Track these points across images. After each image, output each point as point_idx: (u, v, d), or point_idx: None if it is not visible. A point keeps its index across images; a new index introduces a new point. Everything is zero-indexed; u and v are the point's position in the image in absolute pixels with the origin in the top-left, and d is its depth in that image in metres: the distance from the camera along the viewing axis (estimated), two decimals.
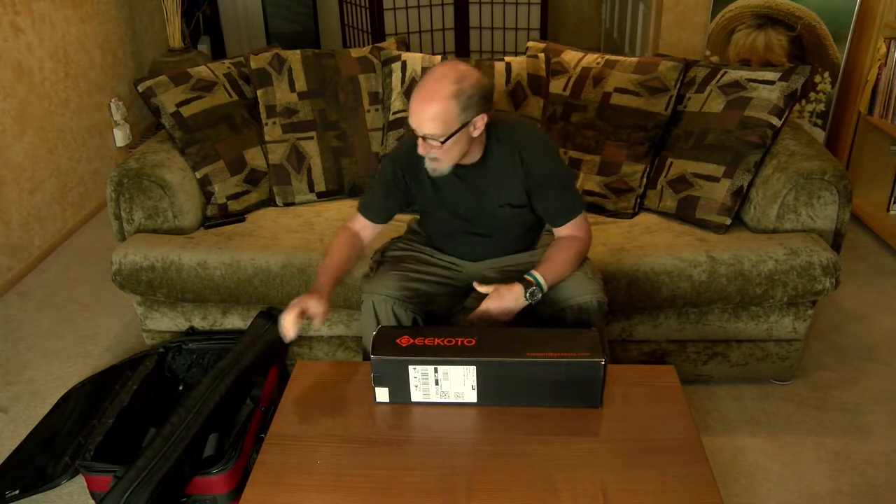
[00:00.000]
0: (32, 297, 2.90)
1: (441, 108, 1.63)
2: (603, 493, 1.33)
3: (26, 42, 3.08)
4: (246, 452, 1.78)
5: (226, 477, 1.70)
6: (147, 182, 2.22)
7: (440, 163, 1.73)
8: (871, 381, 2.28)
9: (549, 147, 1.86)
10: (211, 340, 2.18)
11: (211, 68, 2.47)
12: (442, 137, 1.67)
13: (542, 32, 4.62)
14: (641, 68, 2.33)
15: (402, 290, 1.85)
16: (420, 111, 1.65)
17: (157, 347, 2.16)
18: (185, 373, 2.17)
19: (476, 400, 1.56)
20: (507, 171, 1.82)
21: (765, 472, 1.95)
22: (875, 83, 2.99)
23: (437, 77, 1.65)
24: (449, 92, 1.63)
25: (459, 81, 1.64)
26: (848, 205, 2.09)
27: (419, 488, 1.37)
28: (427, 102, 1.64)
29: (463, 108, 1.65)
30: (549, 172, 1.81)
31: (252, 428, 1.84)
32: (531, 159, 1.81)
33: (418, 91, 1.66)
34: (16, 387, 2.39)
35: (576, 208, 1.85)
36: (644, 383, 1.62)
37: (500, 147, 1.81)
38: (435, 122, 1.64)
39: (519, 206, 1.86)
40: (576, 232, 1.86)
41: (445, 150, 1.70)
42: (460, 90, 1.64)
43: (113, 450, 1.77)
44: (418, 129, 1.68)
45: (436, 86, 1.64)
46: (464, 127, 1.68)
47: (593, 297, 1.79)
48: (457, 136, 1.68)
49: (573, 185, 1.89)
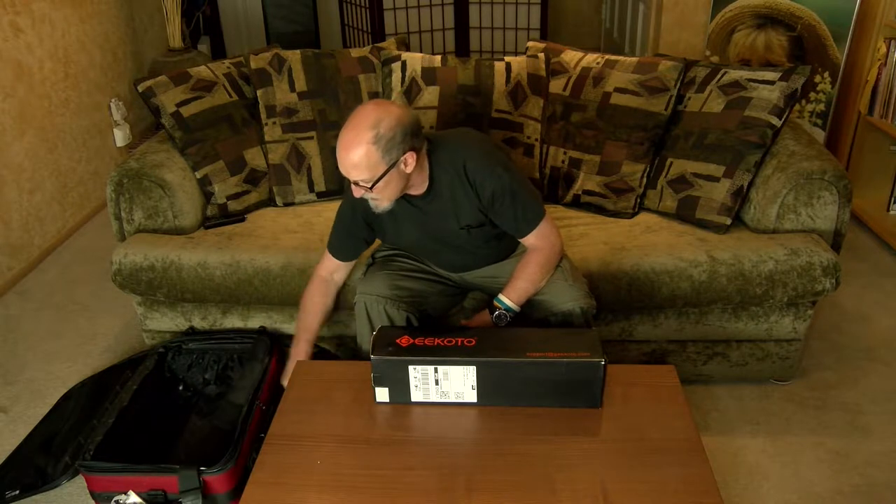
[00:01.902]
0: (32, 297, 2.90)
1: (362, 154, 1.61)
2: (603, 493, 1.33)
3: (26, 42, 3.08)
4: (245, 451, 1.78)
5: (225, 477, 1.70)
6: (147, 182, 2.22)
7: (379, 201, 1.72)
8: (871, 381, 2.28)
9: (495, 160, 1.79)
10: (211, 340, 2.18)
11: (211, 68, 2.46)
12: (369, 182, 1.65)
13: (542, 32, 4.62)
14: (641, 68, 2.33)
15: (394, 290, 1.85)
16: (343, 159, 1.63)
17: (156, 347, 2.16)
18: (185, 372, 2.17)
19: (476, 400, 1.56)
20: (458, 195, 1.79)
21: (765, 472, 1.95)
22: (875, 83, 2.99)
23: (353, 125, 1.62)
24: (367, 138, 1.60)
25: (376, 126, 1.60)
26: (848, 205, 2.09)
27: (419, 488, 1.37)
28: (347, 150, 1.62)
29: (385, 151, 1.62)
30: (499, 187, 1.76)
31: (252, 426, 1.84)
32: (478, 179, 1.76)
33: (340, 138, 1.64)
34: (16, 387, 2.39)
35: (534, 217, 1.81)
36: (644, 383, 1.62)
37: (445, 172, 1.78)
38: (358, 168, 1.62)
39: (478, 225, 1.83)
40: (539, 240, 1.83)
41: (378, 191, 1.68)
42: (377, 136, 1.60)
43: (113, 450, 1.77)
44: (347, 176, 1.67)
45: (353, 133, 1.61)
46: (392, 167, 1.65)
47: (575, 303, 1.79)
48: (387, 178, 1.66)
49: (527, 193, 1.81)
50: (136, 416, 1.93)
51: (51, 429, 2.10)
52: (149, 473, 1.69)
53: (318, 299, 1.96)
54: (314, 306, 1.96)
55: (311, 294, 1.97)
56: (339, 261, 1.95)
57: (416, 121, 1.68)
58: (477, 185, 1.77)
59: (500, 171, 1.77)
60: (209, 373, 2.17)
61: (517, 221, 1.81)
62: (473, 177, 1.77)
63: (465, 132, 1.89)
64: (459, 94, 2.38)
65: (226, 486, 1.71)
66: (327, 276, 1.98)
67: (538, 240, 1.84)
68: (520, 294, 1.81)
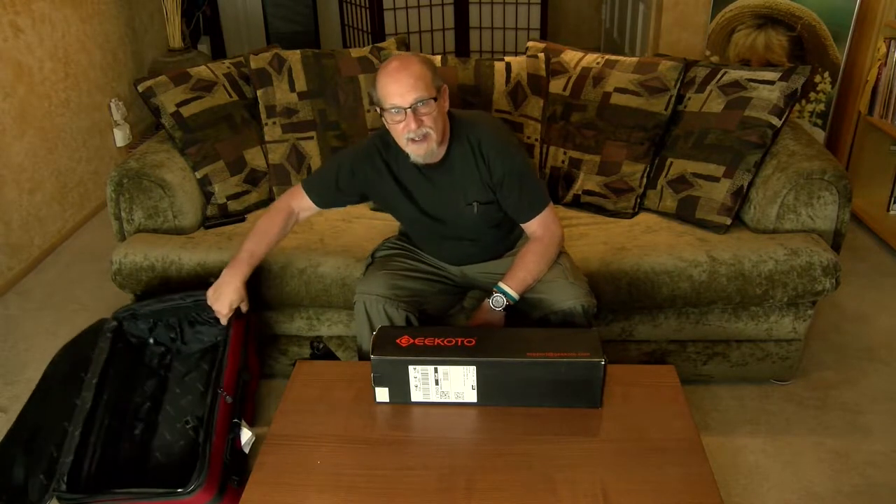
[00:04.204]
0: (32, 297, 2.90)
1: (420, 70, 1.70)
2: (603, 493, 1.33)
3: (26, 42, 3.08)
4: (219, 450, 1.68)
5: (200, 494, 1.61)
6: (147, 182, 2.22)
7: (429, 140, 1.73)
8: (871, 381, 2.28)
9: (509, 141, 1.88)
10: (163, 301, 2.04)
11: (211, 68, 2.47)
12: (432, 97, 1.71)
13: (542, 32, 4.62)
14: (641, 68, 2.33)
15: (393, 290, 1.85)
16: (403, 79, 1.69)
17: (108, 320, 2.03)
18: (150, 334, 2.07)
19: (476, 400, 1.56)
20: (470, 169, 1.84)
21: (765, 472, 1.95)
22: (875, 83, 2.99)
23: (401, 57, 1.74)
24: (418, 59, 1.73)
25: (418, 54, 1.76)
26: (848, 205, 2.09)
27: (419, 488, 1.37)
28: (406, 70, 1.69)
29: (434, 75, 1.73)
30: (510, 168, 1.82)
31: (219, 421, 1.73)
32: (492, 156, 1.82)
33: (390, 69, 1.71)
34: (16, 387, 2.39)
35: (540, 203, 1.86)
36: (644, 383, 1.62)
37: (462, 145, 1.83)
38: (422, 81, 1.70)
39: (486, 202, 1.86)
40: (541, 228, 1.86)
41: (436, 117, 1.72)
42: (425, 59, 1.75)
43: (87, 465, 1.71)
44: (403, 101, 1.69)
45: (406, 59, 1.72)
46: (439, 94, 1.74)
47: (576, 301, 1.79)
48: (439, 104, 1.74)
49: (535, 179, 1.89)
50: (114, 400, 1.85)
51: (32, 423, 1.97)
52: (125, 499, 1.62)
53: (277, 229, 1.93)
54: (271, 234, 1.92)
55: (273, 221, 1.93)
56: (313, 203, 1.95)
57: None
58: (490, 162, 1.82)
59: (513, 153, 1.84)
60: (173, 332, 2.08)
61: (522, 205, 1.85)
62: (488, 153, 1.82)
63: (484, 113, 1.97)
64: (459, 95, 2.38)
65: (205, 498, 1.63)
66: (295, 210, 1.96)
67: (540, 227, 1.86)
68: (518, 282, 1.81)
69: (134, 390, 1.99)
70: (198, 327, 2.10)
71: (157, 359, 2.08)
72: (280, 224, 1.94)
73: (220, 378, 1.82)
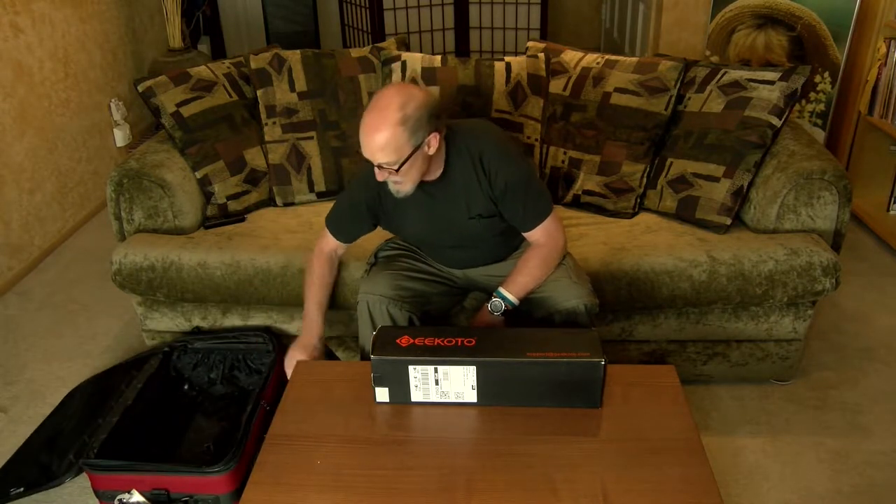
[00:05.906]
0: (32, 297, 2.90)
1: (389, 135, 1.61)
2: (603, 493, 1.33)
3: (26, 42, 3.08)
4: (249, 451, 1.78)
5: (227, 477, 1.70)
6: (147, 182, 2.22)
7: (402, 185, 1.73)
8: (871, 381, 2.28)
9: (511, 151, 1.83)
10: (216, 339, 2.18)
11: (211, 68, 2.46)
12: (396, 165, 1.65)
13: (542, 32, 4.62)
14: (641, 68, 2.33)
15: (397, 290, 1.85)
16: (369, 142, 1.63)
17: (161, 346, 2.16)
18: (191, 371, 2.17)
19: (476, 400, 1.56)
20: (471, 183, 1.80)
21: (765, 472, 1.95)
22: (875, 83, 2.99)
23: (379, 107, 1.62)
24: (395, 119, 1.60)
25: (403, 107, 1.61)
26: (848, 205, 2.09)
27: (419, 488, 1.37)
28: (374, 133, 1.62)
29: (412, 133, 1.62)
30: (512, 179, 1.78)
31: (255, 427, 1.84)
32: (493, 168, 1.78)
33: (364, 121, 1.64)
34: (16, 387, 2.39)
35: (543, 212, 1.82)
36: (644, 383, 1.62)
37: (461, 159, 1.80)
38: (385, 151, 1.63)
39: (489, 215, 1.84)
40: (543, 236, 1.84)
41: (403, 174, 1.68)
42: (405, 116, 1.61)
43: (117, 448, 1.77)
44: (371, 160, 1.67)
45: (381, 115, 1.61)
46: (417, 150, 1.66)
47: (579, 301, 1.79)
48: (412, 160, 1.66)
49: (537, 188, 1.84)
50: (141, 415, 1.93)
51: (56, 426, 2.10)
52: (152, 472, 1.70)
53: (326, 276, 1.98)
54: (323, 281, 1.97)
55: (321, 270, 1.97)
56: (340, 242, 1.98)
57: (438, 102, 1.71)
58: (491, 174, 1.78)
59: (515, 163, 1.80)
60: (214, 372, 2.17)
61: (525, 214, 1.82)
62: (489, 165, 1.78)
63: (483, 122, 1.91)
64: (459, 95, 2.38)
65: (228, 487, 1.71)
66: (330, 253, 1.99)
67: (543, 236, 1.84)
68: (519, 288, 1.81)
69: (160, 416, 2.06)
70: (236, 372, 2.19)
71: (187, 399, 2.16)
72: (328, 267, 1.98)
73: (263, 390, 1.93)
